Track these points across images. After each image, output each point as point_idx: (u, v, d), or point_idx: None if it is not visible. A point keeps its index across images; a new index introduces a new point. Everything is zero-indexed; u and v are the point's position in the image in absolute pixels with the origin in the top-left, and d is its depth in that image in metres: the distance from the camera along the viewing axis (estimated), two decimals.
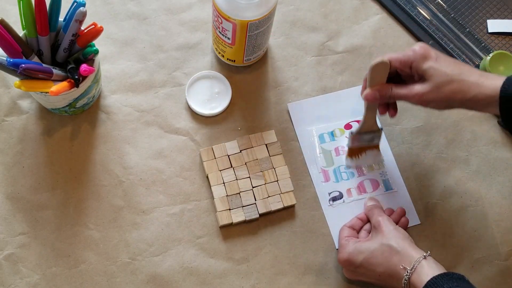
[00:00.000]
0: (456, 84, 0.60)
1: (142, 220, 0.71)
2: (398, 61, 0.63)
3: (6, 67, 0.62)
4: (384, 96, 0.65)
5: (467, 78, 0.60)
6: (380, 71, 0.63)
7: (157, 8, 0.82)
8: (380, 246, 0.64)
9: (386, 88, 0.64)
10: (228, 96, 0.76)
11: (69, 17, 0.65)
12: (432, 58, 0.61)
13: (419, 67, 0.61)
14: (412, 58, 0.62)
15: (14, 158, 0.73)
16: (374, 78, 0.64)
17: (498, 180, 0.76)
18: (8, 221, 0.70)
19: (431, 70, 0.61)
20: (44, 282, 0.68)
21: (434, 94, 0.61)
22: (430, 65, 0.61)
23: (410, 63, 0.62)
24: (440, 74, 0.60)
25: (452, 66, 0.61)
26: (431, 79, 0.61)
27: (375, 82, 0.64)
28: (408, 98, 0.63)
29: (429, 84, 0.61)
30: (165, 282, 0.69)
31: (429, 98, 0.61)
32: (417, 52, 0.62)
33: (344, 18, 0.83)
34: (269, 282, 0.70)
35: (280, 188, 0.72)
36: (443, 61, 0.61)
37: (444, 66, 0.61)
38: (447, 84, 0.60)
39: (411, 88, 0.62)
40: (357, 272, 0.66)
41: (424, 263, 0.61)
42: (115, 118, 0.76)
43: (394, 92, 0.64)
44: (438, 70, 0.60)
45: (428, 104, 0.62)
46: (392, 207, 0.73)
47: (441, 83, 0.60)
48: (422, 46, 0.62)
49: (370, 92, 0.65)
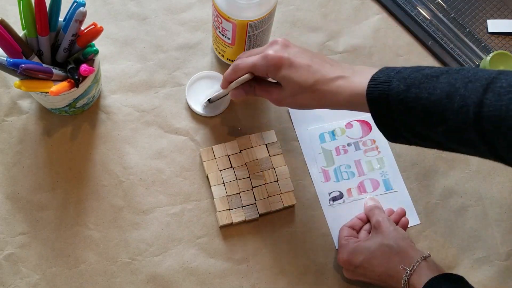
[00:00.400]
0: (310, 94, 0.59)
1: (142, 220, 0.71)
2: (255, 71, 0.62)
3: (6, 67, 0.62)
4: (249, 93, 0.66)
5: (321, 87, 0.59)
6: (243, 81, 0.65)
7: (157, 8, 0.82)
8: (380, 246, 0.64)
9: (249, 87, 0.66)
10: (228, 96, 0.76)
11: (69, 17, 0.65)
12: (284, 67, 0.60)
13: (274, 76, 0.61)
14: (266, 69, 0.61)
15: (14, 158, 0.73)
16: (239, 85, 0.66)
17: (498, 180, 0.76)
18: (8, 221, 0.70)
19: (285, 80, 0.60)
20: (44, 282, 0.68)
21: (290, 100, 0.62)
22: (283, 75, 0.60)
23: (266, 73, 0.61)
24: (293, 84, 0.60)
25: (306, 74, 0.59)
26: (286, 88, 0.61)
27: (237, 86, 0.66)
28: (269, 100, 0.65)
29: (284, 92, 0.61)
30: (165, 282, 0.69)
31: (286, 103, 0.63)
32: (269, 62, 0.60)
33: (344, 18, 0.83)
34: (269, 282, 0.70)
35: (280, 188, 0.72)
36: (298, 68, 0.59)
37: (298, 75, 0.59)
38: (301, 93, 0.60)
39: (270, 92, 0.64)
40: (357, 272, 0.66)
41: (423, 264, 0.61)
42: (115, 118, 0.76)
43: (257, 92, 0.65)
44: (291, 79, 0.60)
45: (288, 107, 0.65)
46: (392, 207, 0.73)
47: (295, 92, 0.60)
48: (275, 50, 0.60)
49: (235, 92, 0.66)
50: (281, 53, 0.60)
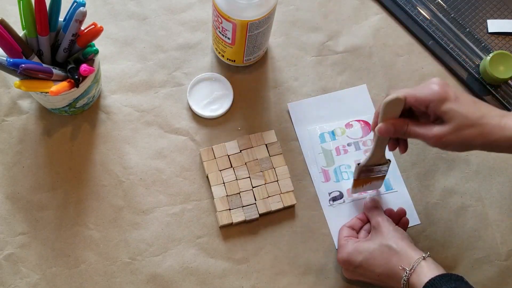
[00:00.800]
0: (478, 128, 0.57)
1: (142, 220, 0.71)
2: (414, 98, 0.59)
3: (6, 67, 0.62)
4: (399, 131, 0.61)
5: (489, 121, 0.57)
6: (394, 106, 0.60)
7: (157, 8, 0.82)
8: (380, 246, 0.64)
9: (401, 123, 0.61)
10: (230, 98, 0.76)
11: (69, 17, 0.65)
12: (451, 99, 0.58)
13: (437, 108, 0.58)
14: (430, 98, 0.58)
15: (14, 158, 0.73)
16: (387, 113, 0.60)
17: (498, 180, 0.76)
18: (8, 221, 0.70)
19: (451, 113, 0.57)
20: (44, 282, 0.68)
21: (453, 137, 0.57)
22: (449, 107, 0.57)
23: (427, 103, 0.58)
24: (461, 117, 0.57)
25: (472, 108, 0.58)
26: (451, 122, 0.57)
27: (387, 117, 0.61)
28: (426, 138, 0.59)
29: (448, 127, 0.57)
30: (165, 282, 0.69)
31: (448, 140, 0.58)
32: (435, 92, 0.58)
33: (344, 18, 0.83)
34: (269, 282, 0.70)
35: (280, 188, 0.72)
36: (463, 102, 0.58)
37: (465, 109, 0.57)
38: (468, 127, 0.57)
39: (429, 129, 0.59)
40: (356, 272, 0.66)
41: (423, 263, 0.61)
42: (115, 118, 0.76)
43: (410, 129, 0.60)
44: (458, 112, 0.57)
45: (446, 147, 0.59)
46: (392, 207, 0.73)
47: (461, 126, 0.57)
48: (441, 85, 0.59)
49: (384, 126, 0.61)
50: (447, 88, 0.58)
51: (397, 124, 0.61)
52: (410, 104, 0.60)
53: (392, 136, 0.62)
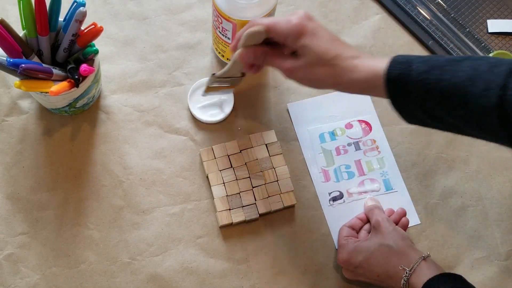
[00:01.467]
0: (328, 68, 0.57)
1: (142, 220, 0.71)
2: (273, 31, 0.59)
3: (6, 67, 0.62)
4: (257, 59, 0.61)
5: (340, 63, 0.57)
6: (255, 37, 0.60)
7: (157, 8, 0.82)
8: (379, 246, 0.64)
9: (260, 52, 0.61)
10: (231, 103, 0.76)
11: (69, 17, 0.65)
12: (307, 35, 0.57)
13: (294, 42, 0.58)
14: (287, 32, 0.57)
15: (14, 158, 0.73)
16: (248, 41, 0.60)
17: (498, 180, 0.76)
18: (8, 221, 0.70)
19: (304, 49, 0.57)
20: (44, 282, 0.68)
21: (303, 72, 0.58)
22: (304, 43, 0.57)
23: (285, 37, 0.58)
24: (313, 55, 0.57)
25: (327, 46, 0.57)
26: (303, 58, 0.58)
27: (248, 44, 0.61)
28: (280, 69, 0.61)
29: (300, 62, 0.58)
30: (165, 282, 0.69)
31: (299, 75, 0.59)
32: (292, 26, 0.57)
33: (344, 18, 0.83)
34: (269, 282, 0.70)
35: (280, 188, 0.72)
36: (320, 39, 0.57)
37: (319, 46, 0.57)
38: (319, 66, 0.57)
39: (283, 60, 0.60)
40: (356, 272, 0.66)
41: (423, 264, 0.61)
42: (115, 118, 0.76)
43: (268, 58, 0.61)
44: (311, 49, 0.57)
45: (299, 81, 0.60)
46: (392, 207, 0.73)
47: (312, 63, 0.57)
48: (300, 18, 0.58)
49: (245, 52, 0.61)
50: (305, 22, 0.58)
51: (256, 52, 0.61)
52: (270, 36, 0.60)
53: (250, 62, 0.62)
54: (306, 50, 0.58)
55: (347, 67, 0.57)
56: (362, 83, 0.56)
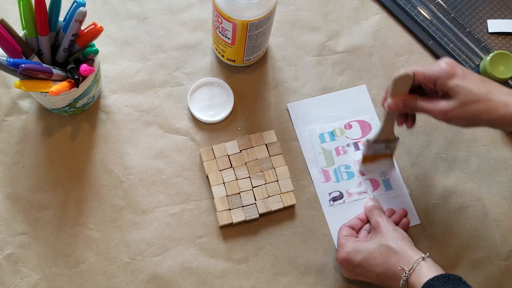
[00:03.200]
0: (483, 103, 0.58)
1: (142, 220, 0.71)
2: (422, 75, 0.61)
3: (6, 67, 0.62)
4: (408, 106, 0.63)
5: (495, 98, 0.58)
6: (403, 83, 0.62)
7: (157, 8, 0.82)
8: (379, 246, 0.64)
9: (410, 99, 0.63)
10: (231, 104, 0.76)
11: (69, 17, 0.65)
12: (458, 76, 0.59)
13: (445, 84, 0.60)
14: (438, 75, 0.60)
15: (14, 158, 0.73)
16: (396, 89, 0.63)
17: (498, 180, 0.76)
18: (8, 221, 0.70)
19: (457, 88, 0.59)
20: (44, 282, 0.68)
21: (459, 112, 0.59)
22: (456, 83, 0.59)
23: (435, 80, 0.60)
24: (467, 93, 0.58)
25: (479, 84, 0.59)
26: (457, 97, 0.59)
27: (397, 93, 0.63)
28: (432, 112, 0.61)
29: (454, 102, 0.59)
30: (165, 282, 0.69)
31: (453, 115, 0.60)
32: (443, 69, 0.60)
33: (344, 18, 0.83)
34: (269, 282, 0.70)
35: (280, 188, 0.72)
36: (470, 79, 0.60)
37: (471, 85, 0.59)
38: (474, 103, 0.58)
39: (436, 103, 0.61)
40: (355, 271, 0.66)
41: (422, 264, 0.61)
42: (115, 118, 0.76)
43: (418, 104, 0.63)
44: (464, 88, 0.59)
45: (452, 121, 0.61)
46: (392, 207, 0.73)
47: (467, 101, 0.59)
48: (448, 63, 0.60)
49: (394, 101, 0.64)
50: (454, 64, 0.60)
51: (406, 99, 0.63)
52: (419, 81, 0.62)
53: (401, 112, 0.65)
54: (459, 89, 0.59)
55: (502, 102, 0.58)
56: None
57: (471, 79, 0.60)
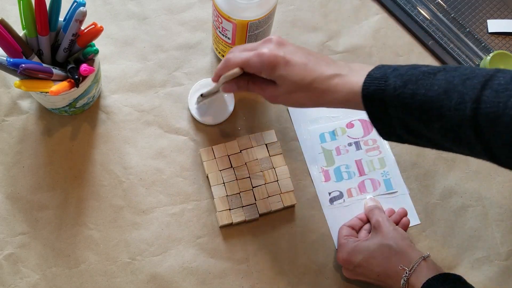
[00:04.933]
0: (307, 93, 0.58)
1: (142, 220, 0.71)
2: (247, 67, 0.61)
3: (6, 67, 0.62)
4: (241, 88, 0.64)
5: (318, 86, 0.58)
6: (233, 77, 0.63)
7: (157, 8, 0.82)
8: (380, 246, 0.64)
9: (242, 81, 0.64)
10: (231, 105, 0.76)
11: (69, 17, 0.65)
12: (280, 65, 0.58)
13: (269, 75, 0.60)
14: (261, 66, 0.59)
15: (14, 158, 0.73)
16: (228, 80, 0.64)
17: (498, 180, 0.76)
18: (8, 221, 0.70)
19: (280, 79, 0.59)
20: (44, 282, 0.68)
21: (285, 98, 0.61)
22: (279, 74, 0.59)
23: (260, 71, 0.60)
24: (290, 83, 0.59)
25: (302, 73, 0.58)
26: (282, 86, 0.60)
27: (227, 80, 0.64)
28: (263, 96, 0.63)
29: (280, 89, 0.60)
30: (165, 282, 0.69)
31: (281, 100, 0.62)
32: (264, 61, 0.59)
33: (344, 18, 0.83)
34: (269, 282, 0.70)
35: (280, 188, 0.72)
36: (293, 66, 0.58)
37: (294, 74, 0.58)
38: (297, 92, 0.59)
39: (265, 89, 0.62)
40: (356, 271, 0.66)
41: (423, 264, 0.61)
42: (115, 118, 0.76)
43: (250, 87, 0.63)
44: (287, 79, 0.58)
45: (282, 104, 0.64)
46: (392, 207, 0.73)
47: (291, 90, 0.59)
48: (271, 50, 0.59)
49: (228, 85, 0.64)
50: (277, 52, 0.59)
51: (239, 83, 0.64)
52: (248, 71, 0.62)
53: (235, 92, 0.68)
54: (282, 79, 0.59)
55: (326, 89, 0.58)
56: (342, 102, 0.57)
57: (294, 67, 0.58)
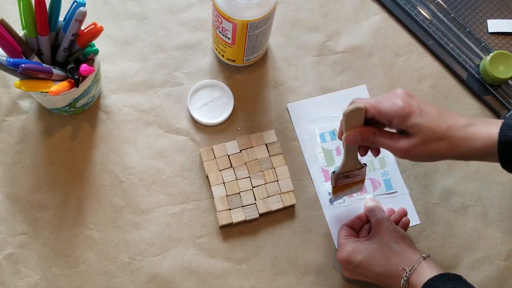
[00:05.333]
0: (445, 141, 0.56)
1: (142, 220, 0.71)
2: (376, 110, 0.58)
3: (6, 67, 0.62)
4: (366, 140, 0.60)
5: (456, 134, 0.56)
6: (355, 116, 0.59)
7: (157, 8, 0.82)
8: (380, 246, 0.64)
9: (368, 132, 0.60)
10: (231, 106, 0.76)
11: (69, 17, 0.65)
12: (415, 113, 0.56)
13: (402, 123, 0.57)
14: (393, 113, 0.57)
15: (14, 158, 0.73)
16: (349, 123, 0.60)
17: (498, 180, 0.76)
18: (8, 221, 0.70)
19: (416, 127, 0.56)
20: (44, 282, 0.68)
21: (420, 150, 0.57)
22: (414, 122, 0.56)
23: (391, 118, 0.57)
24: (427, 131, 0.56)
25: (438, 120, 0.56)
26: (417, 136, 0.57)
27: (351, 126, 0.60)
28: (393, 150, 0.59)
29: (414, 140, 0.57)
30: (165, 282, 0.69)
31: (415, 153, 0.58)
32: (398, 108, 0.57)
33: (344, 18, 0.83)
34: (269, 282, 0.70)
35: (280, 188, 0.72)
36: (428, 115, 0.57)
37: (430, 122, 0.56)
38: (435, 141, 0.56)
39: (395, 141, 0.58)
40: (356, 271, 0.66)
41: (423, 264, 0.61)
42: (115, 118, 0.76)
43: (377, 139, 0.60)
44: (423, 127, 0.56)
45: (414, 159, 0.59)
46: (392, 207, 0.73)
47: (428, 140, 0.56)
48: (403, 99, 0.57)
49: (351, 134, 0.60)
50: (410, 101, 0.57)
51: (363, 132, 0.60)
52: (372, 116, 0.59)
53: (359, 144, 0.62)
54: (417, 128, 0.56)
55: (463, 137, 0.56)
56: (480, 151, 0.56)
57: (429, 115, 0.57)
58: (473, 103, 0.79)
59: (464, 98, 0.80)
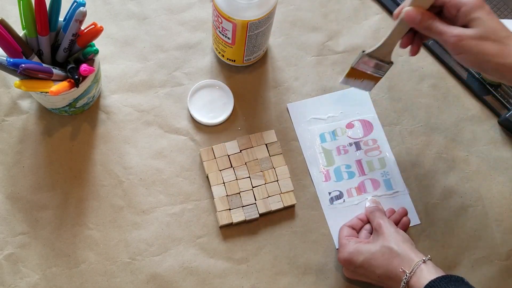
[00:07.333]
0: (499, 45, 0.56)
1: (142, 220, 0.71)
2: None
3: (6, 67, 0.62)
4: (424, 23, 0.59)
5: None
6: None
7: (157, 8, 0.82)
8: (381, 248, 0.64)
9: (428, 16, 0.58)
10: (231, 106, 0.76)
11: (69, 17, 0.65)
12: (485, 10, 0.56)
13: (469, 13, 0.56)
14: (465, 1, 0.56)
15: (14, 158, 0.73)
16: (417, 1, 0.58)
17: (498, 180, 0.76)
18: (8, 221, 0.70)
19: (480, 20, 0.56)
20: (44, 282, 0.68)
21: (473, 43, 0.56)
22: (481, 15, 0.56)
23: (461, 5, 0.57)
24: (488, 28, 0.55)
25: (501, 26, 0.56)
26: (477, 29, 0.56)
27: (417, 4, 0.58)
28: (446, 35, 0.58)
29: (473, 31, 0.56)
30: (165, 282, 0.69)
31: (467, 45, 0.56)
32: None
33: (344, 18, 0.83)
34: (269, 282, 0.70)
35: (280, 188, 0.72)
36: (495, 19, 0.57)
37: (495, 23, 0.56)
38: (491, 41, 0.56)
39: (453, 28, 0.57)
40: (357, 272, 0.66)
41: (423, 266, 0.61)
42: (115, 118, 0.76)
43: (434, 23, 0.58)
44: (487, 23, 0.56)
45: (462, 53, 0.58)
46: (393, 207, 0.73)
47: (485, 36, 0.56)
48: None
49: (413, 11, 0.58)
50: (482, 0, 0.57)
51: (425, 14, 0.59)
52: (443, 2, 0.58)
53: (416, 26, 0.60)
54: (480, 22, 0.56)
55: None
56: None
57: (495, 19, 0.57)
58: (473, 103, 0.79)
59: (464, 98, 0.80)
